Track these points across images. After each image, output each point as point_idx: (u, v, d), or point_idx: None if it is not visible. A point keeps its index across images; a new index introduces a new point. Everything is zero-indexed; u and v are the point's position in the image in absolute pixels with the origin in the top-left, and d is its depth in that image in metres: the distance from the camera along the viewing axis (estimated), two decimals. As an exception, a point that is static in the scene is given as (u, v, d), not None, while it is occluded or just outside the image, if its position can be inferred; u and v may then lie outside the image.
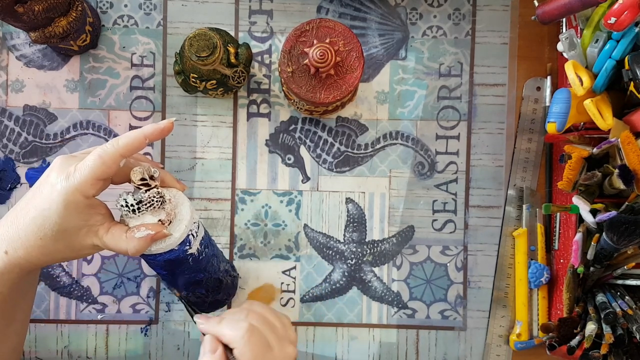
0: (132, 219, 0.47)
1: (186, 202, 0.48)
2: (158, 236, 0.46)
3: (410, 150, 0.67)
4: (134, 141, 0.46)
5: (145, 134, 0.46)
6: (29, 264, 0.46)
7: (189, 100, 0.66)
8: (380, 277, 0.67)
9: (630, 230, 0.53)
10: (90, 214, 0.46)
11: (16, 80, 0.66)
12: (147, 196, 0.46)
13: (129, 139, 0.46)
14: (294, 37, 0.58)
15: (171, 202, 0.47)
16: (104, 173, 0.45)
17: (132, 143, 0.46)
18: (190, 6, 0.66)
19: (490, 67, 0.67)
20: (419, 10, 0.67)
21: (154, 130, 0.47)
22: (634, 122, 0.56)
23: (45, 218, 0.45)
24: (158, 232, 0.46)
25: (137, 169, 0.46)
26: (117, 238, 0.46)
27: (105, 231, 0.46)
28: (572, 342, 0.56)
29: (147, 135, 0.46)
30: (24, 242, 0.45)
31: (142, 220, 0.46)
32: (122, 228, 0.46)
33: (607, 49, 0.54)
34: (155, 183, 0.46)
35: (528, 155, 0.66)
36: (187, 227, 0.47)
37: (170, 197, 0.47)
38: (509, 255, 0.66)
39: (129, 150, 0.46)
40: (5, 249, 0.46)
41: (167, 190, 0.48)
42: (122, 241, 0.45)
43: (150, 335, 0.66)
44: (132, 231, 0.46)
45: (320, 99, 0.58)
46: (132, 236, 0.45)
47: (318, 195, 0.67)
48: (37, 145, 0.66)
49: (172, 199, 0.47)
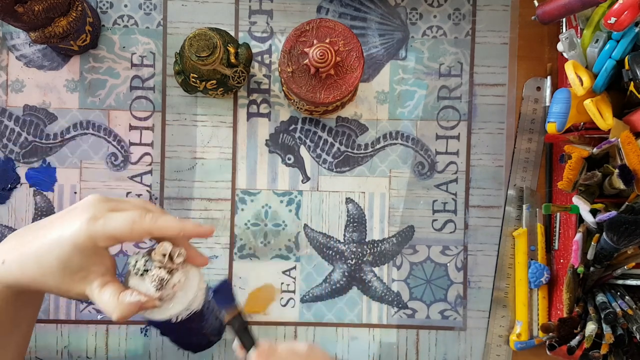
0: (132, 278, 0.47)
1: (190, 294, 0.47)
2: (147, 305, 0.46)
3: (410, 150, 0.67)
4: (170, 229, 0.45)
5: (183, 229, 0.46)
6: (18, 283, 0.46)
7: (189, 100, 0.66)
8: (380, 277, 0.67)
9: (630, 230, 0.53)
10: (94, 262, 0.45)
11: (16, 80, 0.66)
12: (153, 273, 0.46)
13: (166, 224, 0.45)
14: (294, 37, 0.58)
15: (173, 289, 0.46)
16: (125, 238, 0.44)
17: (166, 229, 0.45)
18: (190, 6, 0.66)
19: (490, 67, 0.67)
20: (419, 10, 0.67)
21: (192, 228, 0.46)
22: (634, 122, 0.56)
23: (51, 248, 0.44)
24: (148, 301, 0.45)
25: (165, 245, 0.46)
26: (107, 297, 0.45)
27: (99, 285, 0.45)
28: (572, 342, 0.56)
29: (185, 230, 0.46)
30: (22, 261, 0.45)
31: (139, 284, 0.46)
32: (117, 289, 0.45)
33: (607, 49, 0.54)
34: (171, 266, 0.46)
35: (528, 155, 0.66)
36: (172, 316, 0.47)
37: (176, 283, 0.46)
38: (509, 255, 0.66)
39: (161, 234, 0.45)
40: (4, 259, 0.46)
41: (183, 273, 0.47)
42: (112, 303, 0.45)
43: (150, 335, 0.66)
44: (124, 294, 0.45)
45: (320, 99, 0.58)
46: (123, 301, 0.45)
47: (318, 195, 0.67)
48: (37, 145, 0.66)
49: (176, 284, 0.47)
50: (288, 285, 0.67)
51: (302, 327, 0.67)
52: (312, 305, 0.67)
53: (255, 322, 0.66)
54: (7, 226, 0.66)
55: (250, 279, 0.67)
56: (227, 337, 0.66)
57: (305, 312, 0.67)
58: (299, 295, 0.67)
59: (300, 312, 0.67)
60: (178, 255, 0.46)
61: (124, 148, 0.66)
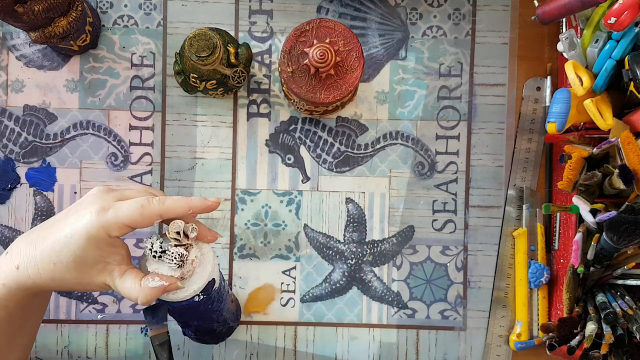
0: (150, 262, 0.47)
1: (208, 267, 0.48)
2: (170, 288, 0.46)
3: (410, 150, 0.67)
4: (179, 208, 0.46)
5: (191, 205, 0.46)
6: (35, 285, 0.46)
7: (189, 100, 0.66)
8: (380, 277, 0.67)
9: (630, 230, 0.53)
10: (109, 252, 0.45)
11: (16, 80, 0.66)
12: (172, 251, 0.46)
13: (174, 203, 0.46)
14: (294, 37, 0.58)
15: (192, 264, 0.47)
16: (137, 224, 0.45)
17: (175, 209, 0.46)
18: (190, 6, 0.66)
19: (490, 67, 0.67)
20: (419, 10, 0.67)
21: (199, 204, 0.47)
22: (634, 122, 0.56)
23: (65, 245, 0.44)
24: (171, 284, 0.46)
25: (177, 223, 0.46)
26: (129, 284, 0.45)
27: (120, 273, 0.46)
28: (572, 342, 0.56)
29: (193, 207, 0.46)
30: (37, 263, 0.45)
31: (159, 267, 0.47)
32: (137, 275, 0.46)
33: (607, 49, 0.54)
34: (187, 242, 0.47)
35: (528, 155, 0.66)
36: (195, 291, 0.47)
37: (194, 258, 0.47)
38: (509, 255, 0.66)
39: (170, 215, 0.46)
40: (17, 264, 0.46)
41: (197, 248, 0.48)
42: (135, 289, 0.45)
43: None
44: (146, 279, 0.45)
45: (320, 99, 0.58)
46: (146, 285, 0.45)
47: (318, 195, 0.67)
48: (37, 145, 0.66)
49: (195, 260, 0.47)
50: (288, 285, 0.67)
51: (302, 327, 0.67)
52: (312, 305, 0.67)
53: (255, 322, 0.66)
54: (7, 226, 0.66)
55: (250, 279, 0.67)
56: (230, 337, 0.66)
57: (305, 312, 0.67)
58: (299, 295, 0.67)
59: (300, 312, 0.67)
60: (192, 230, 0.47)
61: (124, 148, 0.66)
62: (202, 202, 0.47)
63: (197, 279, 0.47)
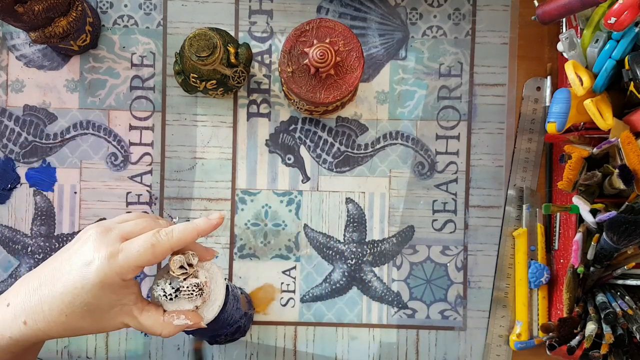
0: (167, 305, 0.47)
1: (220, 279, 0.48)
2: (194, 325, 0.46)
3: (410, 150, 0.67)
4: (187, 236, 0.45)
5: (198, 229, 0.46)
6: (47, 336, 0.45)
7: (189, 100, 0.66)
8: (380, 277, 0.67)
9: (630, 230, 0.53)
10: (124, 294, 0.44)
11: (16, 80, 0.66)
12: (186, 286, 0.46)
13: (183, 234, 0.45)
14: (294, 37, 0.58)
15: (208, 286, 0.47)
16: (150, 263, 0.44)
17: (185, 238, 0.45)
18: (190, 6, 0.66)
19: (490, 67, 0.67)
20: (419, 10, 0.67)
21: (206, 226, 0.46)
22: (634, 122, 0.56)
23: (76, 296, 0.43)
24: (195, 323, 0.46)
25: (176, 259, 0.46)
26: (152, 321, 0.45)
27: (139, 311, 0.45)
28: (572, 342, 0.56)
29: (200, 230, 0.46)
30: (47, 317, 0.44)
31: (178, 305, 0.46)
32: (157, 310, 0.46)
33: (607, 49, 0.54)
34: (194, 270, 0.46)
35: (528, 155, 0.66)
36: (220, 306, 0.48)
37: (207, 280, 0.47)
38: (509, 255, 0.66)
39: (181, 245, 0.45)
40: (24, 319, 0.44)
41: (203, 270, 0.48)
42: (158, 325, 0.45)
43: (150, 335, 0.66)
44: (170, 316, 0.45)
45: (320, 99, 0.58)
46: (170, 322, 0.45)
47: (318, 195, 0.67)
48: (37, 145, 0.66)
49: (208, 281, 0.47)
50: (288, 285, 0.67)
51: (302, 327, 0.67)
52: (312, 305, 0.67)
53: (255, 322, 0.66)
54: (7, 226, 0.66)
55: (250, 278, 0.67)
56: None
57: (305, 312, 0.67)
58: (299, 295, 0.67)
59: (300, 312, 0.67)
60: (193, 257, 0.46)
61: (124, 148, 0.66)
62: (208, 223, 0.46)
63: (217, 295, 0.48)
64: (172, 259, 0.46)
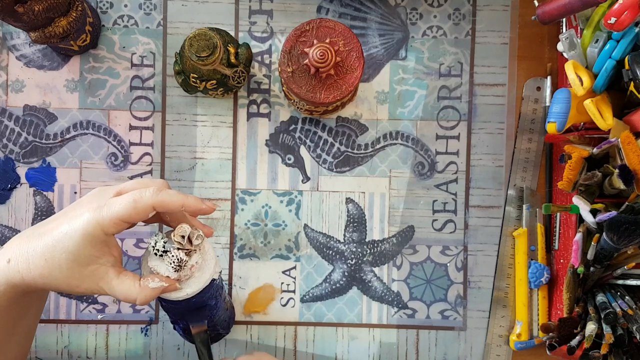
0: (151, 257, 0.47)
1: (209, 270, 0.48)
2: (169, 289, 0.46)
3: (410, 150, 0.67)
4: (172, 203, 0.45)
5: (184, 203, 0.46)
6: (24, 282, 0.46)
7: (189, 100, 0.66)
8: (380, 277, 0.67)
9: (630, 230, 0.53)
10: (103, 252, 0.45)
11: (16, 80, 0.66)
12: (172, 254, 0.46)
13: (169, 198, 0.45)
14: (294, 37, 0.58)
15: (191, 269, 0.47)
16: (132, 218, 0.44)
17: (168, 203, 0.45)
18: (190, 6, 0.66)
19: (490, 67, 0.67)
20: (419, 10, 0.67)
21: (194, 204, 0.46)
22: (634, 122, 0.56)
23: (59, 241, 0.44)
24: (170, 285, 0.46)
25: (184, 227, 0.46)
26: (128, 284, 0.46)
27: (116, 274, 0.46)
28: (572, 342, 0.56)
29: (186, 205, 0.46)
30: (29, 257, 0.45)
31: (158, 264, 0.47)
32: (134, 276, 0.46)
33: (607, 49, 0.54)
34: (190, 248, 0.46)
35: (528, 155, 0.66)
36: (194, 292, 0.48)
37: (194, 264, 0.47)
38: (509, 255, 0.66)
39: (163, 207, 0.45)
40: (9, 257, 0.46)
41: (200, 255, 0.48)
42: (134, 290, 0.45)
43: (150, 335, 0.66)
44: (145, 280, 0.46)
45: (320, 99, 0.58)
46: (146, 285, 0.45)
47: (318, 195, 0.67)
48: (37, 145, 0.66)
49: (194, 265, 0.47)
50: (288, 285, 0.67)
51: (302, 327, 0.67)
52: (312, 305, 0.67)
53: (255, 322, 0.66)
54: (7, 226, 0.66)
55: (250, 278, 0.67)
56: (229, 336, 0.66)
57: (305, 312, 0.67)
58: (299, 295, 0.67)
59: (300, 312, 0.67)
60: (197, 237, 0.46)
61: (124, 148, 0.66)
62: (197, 203, 0.47)
63: (193, 283, 0.48)
64: (181, 225, 0.46)
